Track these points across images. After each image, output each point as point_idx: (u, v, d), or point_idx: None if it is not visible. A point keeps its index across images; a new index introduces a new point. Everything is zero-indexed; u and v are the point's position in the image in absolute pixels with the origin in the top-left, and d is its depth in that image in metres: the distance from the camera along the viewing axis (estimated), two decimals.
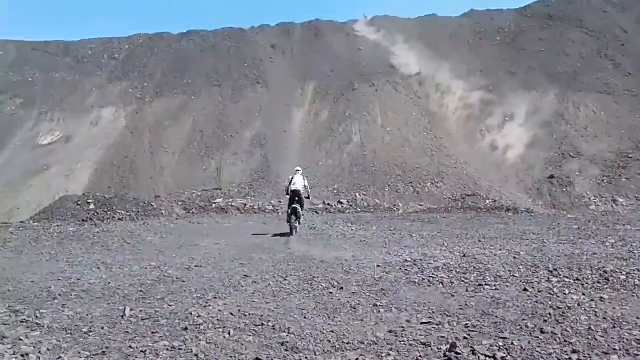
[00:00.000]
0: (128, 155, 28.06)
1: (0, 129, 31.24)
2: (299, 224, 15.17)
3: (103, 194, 22.97)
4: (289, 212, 14.81)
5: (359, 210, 22.85)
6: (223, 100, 32.60)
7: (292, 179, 15.37)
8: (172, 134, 29.91)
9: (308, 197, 15.73)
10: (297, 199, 14.90)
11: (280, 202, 23.45)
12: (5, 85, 35.20)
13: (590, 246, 11.58)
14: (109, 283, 8.56)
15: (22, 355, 5.12)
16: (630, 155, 24.88)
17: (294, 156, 27.70)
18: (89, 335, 5.82)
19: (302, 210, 15.21)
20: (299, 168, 16.35)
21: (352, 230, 15.84)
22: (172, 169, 27.27)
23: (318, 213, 22.20)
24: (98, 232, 15.99)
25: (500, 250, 11.20)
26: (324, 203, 23.67)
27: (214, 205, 23.55)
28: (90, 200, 21.40)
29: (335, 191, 24.72)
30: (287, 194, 15.32)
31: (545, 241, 12.49)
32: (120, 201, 21.73)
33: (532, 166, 25.65)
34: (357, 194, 24.23)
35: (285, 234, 14.96)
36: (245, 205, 23.36)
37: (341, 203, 23.62)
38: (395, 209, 22.80)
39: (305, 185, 15.30)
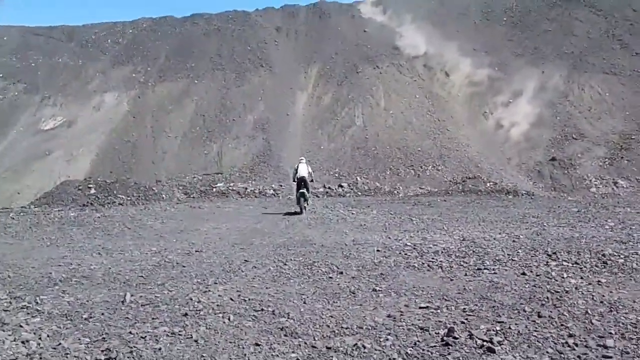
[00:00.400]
0: (130, 140, 28.05)
1: (2, 114, 31.24)
2: (307, 204, 17.00)
3: (104, 178, 23.02)
4: (298, 195, 16.66)
5: (360, 193, 22.86)
6: (226, 83, 32.46)
7: (298, 167, 17.07)
8: (174, 118, 29.85)
9: (312, 181, 17.74)
10: (303, 184, 16.64)
11: (281, 185, 23.50)
12: (9, 70, 35.09)
13: (589, 229, 11.58)
14: (110, 269, 8.61)
15: (23, 342, 5.17)
16: (633, 137, 24.74)
17: (296, 140, 27.69)
18: (89, 322, 5.86)
19: (308, 193, 17.07)
20: (302, 158, 18.27)
21: (352, 214, 15.85)
22: (174, 153, 27.27)
23: (318, 197, 22.20)
24: (99, 217, 16.05)
25: (499, 233, 11.21)
26: (324, 187, 23.67)
27: (214, 190, 23.58)
28: (91, 185, 21.46)
29: (337, 174, 24.71)
30: (294, 180, 17.06)
31: (545, 224, 12.49)
32: (121, 186, 21.79)
33: (534, 148, 25.56)
34: (358, 178, 24.22)
35: (289, 213, 16.66)
36: (246, 189, 23.38)
37: (342, 187, 23.62)
38: (395, 192, 22.80)
39: (309, 172, 17.18)
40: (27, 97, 33.01)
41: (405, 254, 9.19)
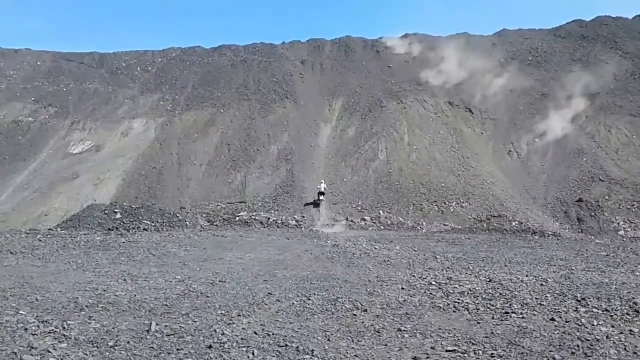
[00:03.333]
0: (156, 166, 28.44)
1: (33, 136, 32.05)
2: (322, 202, 24.80)
3: (130, 203, 23.34)
4: (318, 195, 25.08)
5: (382, 228, 22.75)
6: (251, 114, 32.90)
7: (320, 185, 25.28)
8: (199, 146, 30.26)
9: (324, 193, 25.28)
10: (322, 193, 24.97)
11: (304, 216, 23.53)
12: (40, 94, 36.18)
13: (619, 275, 11.32)
14: (135, 295, 8.66)
15: None
16: None
17: (320, 171, 27.76)
18: (115, 350, 5.88)
19: (324, 197, 25.07)
20: (322, 180, 25.89)
21: (375, 248, 15.75)
22: (198, 181, 27.54)
23: (341, 229, 22.18)
24: (124, 242, 16.21)
25: (526, 276, 11.02)
26: (347, 219, 23.63)
27: (237, 218, 23.68)
28: (117, 210, 21.75)
29: (359, 208, 24.65)
30: (318, 193, 25.18)
31: (573, 268, 12.25)
32: (146, 211, 22.04)
33: (560, 188, 25.21)
34: (381, 212, 24.13)
35: (308, 203, 24.84)
36: (269, 219, 23.44)
37: (364, 220, 23.54)
38: (419, 227, 22.63)
39: (325, 187, 25.40)
40: (57, 120, 33.86)
41: (431, 293, 9.08)
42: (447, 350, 5.98)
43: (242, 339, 6.35)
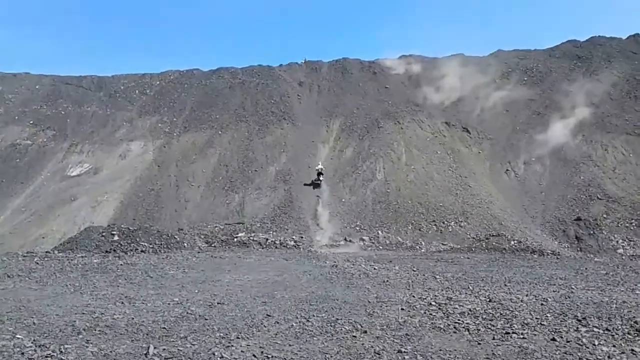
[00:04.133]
0: (153, 188, 28.44)
1: (31, 159, 32.11)
2: (321, 181, 28.02)
3: (127, 225, 23.25)
4: (318, 176, 28.36)
5: (381, 247, 22.69)
6: (249, 135, 33.05)
7: (317, 167, 28.77)
8: (197, 168, 30.31)
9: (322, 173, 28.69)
10: (320, 173, 28.33)
11: (302, 237, 23.45)
12: (39, 117, 36.35)
13: (619, 293, 11.27)
14: (132, 319, 8.58)
15: None
16: None
17: (318, 192, 27.78)
18: None
19: (322, 177, 28.36)
20: (320, 162, 29.37)
21: (374, 269, 15.68)
22: (196, 202, 27.52)
23: (339, 249, 22.12)
24: (121, 264, 16.11)
25: (526, 295, 10.96)
26: (345, 239, 23.58)
27: (235, 239, 23.62)
28: (114, 232, 21.66)
29: (358, 228, 24.62)
30: (317, 173, 28.49)
31: (573, 287, 12.20)
32: (144, 233, 21.94)
33: (558, 207, 25.23)
34: (380, 232, 24.09)
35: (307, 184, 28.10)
36: (267, 240, 23.37)
37: (363, 240, 23.50)
38: (417, 247, 22.58)
39: (323, 168, 28.74)
40: (55, 143, 33.98)
41: (430, 314, 9.02)
42: None
43: None
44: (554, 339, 7.31)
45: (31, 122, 35.92)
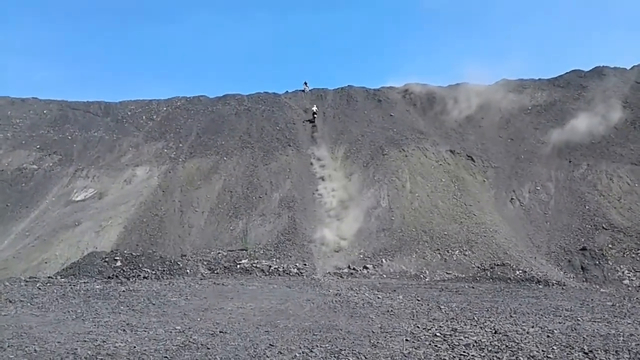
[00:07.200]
0: (158, 213, 28.46)
1: (36, 184, 32.26)
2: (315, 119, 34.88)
3: (131, 251, 23.25)
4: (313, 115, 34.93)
5: (385, 276, 22.51)
6: (254, 161, 33.18)
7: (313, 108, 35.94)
8: (202, 194, 30.36)
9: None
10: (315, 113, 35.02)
11: (305, 264, 23.32)
12: (46, 142, 36.65)
13: (626, 326, 11.13)
14: (134, 347, 8.51)
15: None
16: None
17: (322, 219, 27.74)
18: None
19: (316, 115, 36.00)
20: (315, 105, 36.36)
21: (378, 298, 15.56)
22: (200, 228, 27.49)
23: (343, 277, 21.95)
24: (124, 290, 16.05)
25: (532, 327, 10.83)
26: (349, 267, 23.42)
27: (238, 266, 23.48)
28: (117, 257, 21.64)
29: (362, 255, 24.48)
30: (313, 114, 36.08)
31: (579, 318, 12.05)
32: (147, 259, 21.92)
33: (564, 237, 25.07)
34: (384, 260, 23.94)
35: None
36: (270, 267, 23.23)
37: (367, 268, 23.33)
38: (422, 276, 22.39)
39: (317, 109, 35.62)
40: (61, 168, 34.16)
41: (435, 346, 8.91)
42: None
43: None
44: None
45: (38, 146, 36.22)
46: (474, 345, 8.92)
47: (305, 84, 44.04)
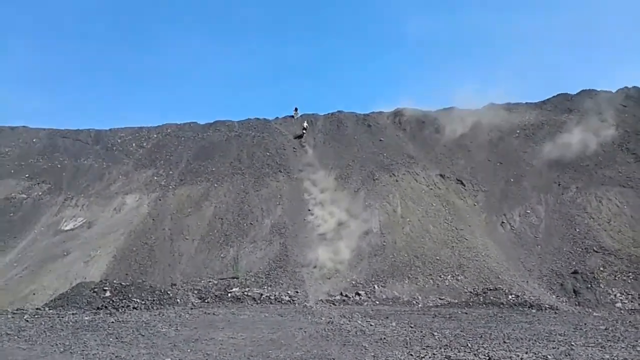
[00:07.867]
0: (147, 242, 28.21)
1: (25, 213, 31.97)
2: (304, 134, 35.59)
3: (120, 281, 22.97)
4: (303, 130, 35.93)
5: (377, 302, 22.35)
6: (245, 187, 33.11)
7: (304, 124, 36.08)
8: (192, 221, 30.17)
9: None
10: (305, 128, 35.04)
11: (297, 292, 23.13)
12: (35, 171, 36.44)
13: (620, 350, 11.09)
14: None
15: None
16: None
17: (313, 245, 27.59)
18: None
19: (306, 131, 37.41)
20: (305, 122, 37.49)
21: (371, 325, 15.42)
22: (190, 256, 27.24)
23: (335, 304, 21.76)
24: (113, 322, 15.80)
25: (526, 352, 10.76)
26: (341, 294, 23.24)
27: (229, 295, 23.23)
28: (106, 288, 21.37)
29: (354, 282, 24.32)
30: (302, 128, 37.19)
31: (573, 343, 12.00)
32: (136, 289, 21.66)
33: (555, 260, 25.10)
34: (376, 286, 23.80)
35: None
36: (262, 295, 23.01)
37: (359, 295, 23.17)
38: (414, 302, 22.26)
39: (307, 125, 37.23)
40: (50, 197, 33.91)
41: None
42: None
43: None
44: None
45: (27, 175, 35.98)
46: None
47: (296, 109, 44.39)
